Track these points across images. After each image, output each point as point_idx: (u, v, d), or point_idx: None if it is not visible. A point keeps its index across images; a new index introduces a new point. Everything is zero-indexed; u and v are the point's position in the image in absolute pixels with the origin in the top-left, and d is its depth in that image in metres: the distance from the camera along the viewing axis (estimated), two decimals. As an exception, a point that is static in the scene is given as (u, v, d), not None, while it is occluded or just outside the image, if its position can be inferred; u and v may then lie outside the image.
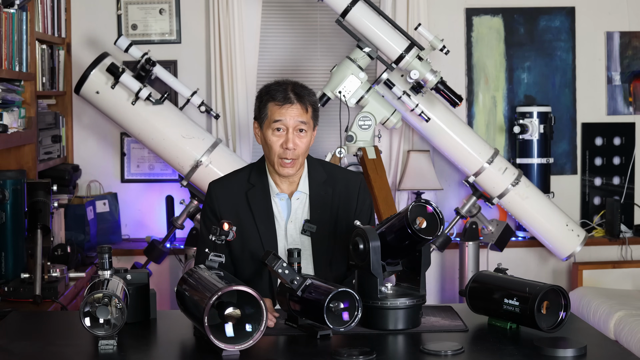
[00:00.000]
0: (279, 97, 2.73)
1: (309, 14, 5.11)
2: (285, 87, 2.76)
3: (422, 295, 2.49)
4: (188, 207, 4.60)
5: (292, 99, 2.73)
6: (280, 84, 2.78)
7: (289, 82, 2.79)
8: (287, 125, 2.73)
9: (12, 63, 3.65)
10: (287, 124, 2.73)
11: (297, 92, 2.75)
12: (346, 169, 3.08)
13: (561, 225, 4.69)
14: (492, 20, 5.18)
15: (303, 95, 2.75)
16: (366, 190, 2.89)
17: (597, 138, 5.26)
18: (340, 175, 2.88)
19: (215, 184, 2.86)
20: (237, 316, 2.24)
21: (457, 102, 4.26)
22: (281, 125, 2.73)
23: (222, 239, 2.50)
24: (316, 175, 2.83)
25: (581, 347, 2.21)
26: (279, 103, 2.73)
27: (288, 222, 2.79)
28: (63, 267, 3.70)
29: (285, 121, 2.72)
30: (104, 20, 5.00)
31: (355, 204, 2.83)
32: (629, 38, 5.23)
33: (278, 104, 2.73)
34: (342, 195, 2.82)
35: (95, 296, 2.26)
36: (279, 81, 2.81)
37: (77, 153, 5.02)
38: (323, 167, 2.88)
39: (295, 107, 2.73)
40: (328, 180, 2.83)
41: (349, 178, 2.88)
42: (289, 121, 2.72)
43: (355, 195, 2.84)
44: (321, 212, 2.79)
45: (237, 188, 2.81)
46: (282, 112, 2.72)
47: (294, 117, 2.73)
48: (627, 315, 4.39)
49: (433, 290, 5.12)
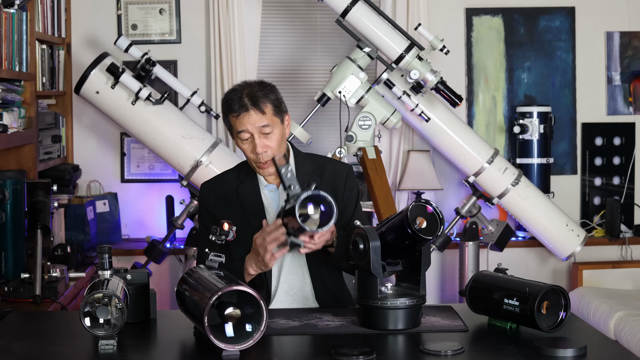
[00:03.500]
0: (234, 107, 2.73)
1: (309, 14, 5.11)
2: (240, 94, 2.74)
3: (422, 295, 2.49)
4: (188, 207, 4.60)
5: (247, 106, 2.72)
6: (236, 92, 2.76)
7: (245, 86, 2.77)
8: (250, 132, 2.74)
9: (12, 63, 3.65)
10: (250, 131, 2.74)
11: (252, 96, 2.73)
12: (334, 159, 3.10)
13: (561, 225, 4.69)
14: (492, 20, 5.18)
15: (257, 98, 2.73)
16: (353, 179, 2.92)
17: (597, 138, 5.26)
18: (328, 164, 2.92)
19: (207, 184, 2.93)
20: (237, 316, 2.24)
21: (457, 102, 4.26)
22: (246, 135, 2.75)
23: (222, 239, 2.51)
24: (303, 166, 2.86)
25: (581, 347, 2.21)
26: (235, 114, 2.73)
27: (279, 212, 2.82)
28: (63, 267, 3.70)
29: (247, 129, 2.73)
30: (104, 20, 5.00)
31: (342, 191, 2.87)
32: (629, 38, 5.23)
33: (235, 115, 2.74)
34: (329, 183, 2.85)
35: (95, 296, 2.26)
36: (235, 88, 2.79)
37: (77, 153, 5.02)
38: (310, 159, 2.92)
39: (251, 113, 2.72)
40: (315, 171, 2.87)
41: (336, 167, 2.92)
42: (250, 129, 2.73)
43: (343, 183, 2.88)
44: None
45: (227, 185, 2.87)
46: (242, 122, 2.73)
47: (254, 124, 2.73)
48: (627, 315, 4.39)
49: (433, 290, 5.12)
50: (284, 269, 2.85)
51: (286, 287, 2.85)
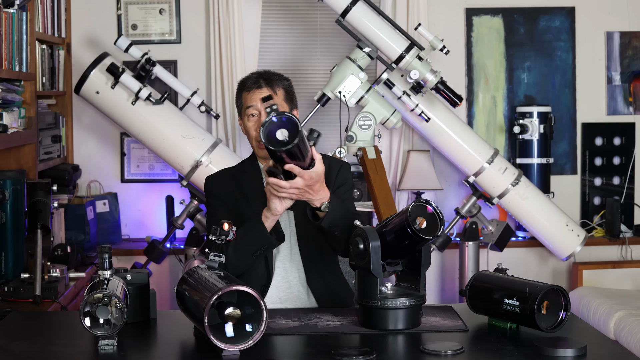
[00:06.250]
0: (249, 83, 2.91)
1: (309, 14, 5.11)
2: (257, 75, 2.94)
3: (422, 295, 2.49)
4: (188, 207, 4.60)
5: (261, 84, 2.89)
6: (254, 74, 2.96)
7: (262, 71, 2.97)
8: (258, 109, 2.87)
9: (12, 63, 3.65)
10: (258, 107, 2.87)
11: (266, 77, 2.92)
12: (332, 156, 3.16)
13: (561, 225, 4.69)
14: (492, 20, 5.18)
15: (272, 79, 2.92)
16: (347, 171, 2.98)
17: (597, 138, 5.26)
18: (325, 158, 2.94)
19: (211, 176, 3.03)
20: (237, 316, 2.24)
21: (457, 102, 4.26)
22: (254, 111, 2.88)
23: (222, 239, 2.51)
24: None
25: (581, 347, 2.21)
26: (248, 89, 2.90)
27: None
28: (63, 267, 3.71)
29: (256, 105, 2.87)
30: (104, 20, 5.00)
31: (334, 180, 2.92)
32: (629, 38, 5.23)
33: (247, 91, 2.90)
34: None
35: (95, 296, 2.26)
36: (253, 72, 2.99)
37: (77, 153, 5.02)
38: None
39: (263, 90, 2.87)
40: None
41: (332, 161, 2.99)
42: (258, 105, 2.87)
43: (335, 173, 2.94)
44: None
45: (231, 176, 2.98)
46: (252, 97, 2.88)
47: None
48: (627, 315, 4.39)
49: (433, 290, 5.12)
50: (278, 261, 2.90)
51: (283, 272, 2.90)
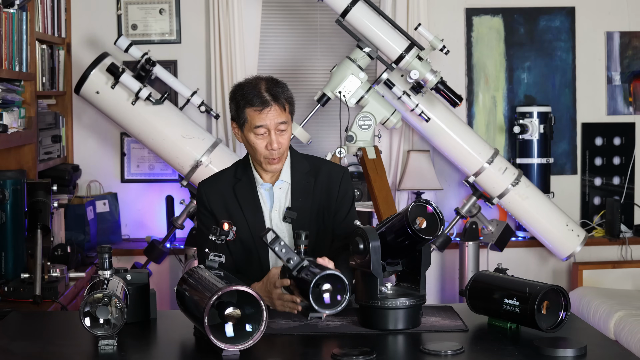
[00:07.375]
0: (256, 102, 2.73)
1: (309, 14, 5.11)
2: (259, 88, 2.74)
3: (422, 295, 2.49)
4: (188, 207, 4.60)
5: (269, 102, 2.73)
6: (254, 85, 2.76)
7: (261, 81, 2.78)
8: (268, 128, 2.74)
9: (12, 63, 3.65)
10: (269, 127, 2.74)
11: (272, 92, 2.74)
12: (330, 161, 3.10)
13: (561, 225, 4.69)
14: (492, 20, 5.18)
15: (278, 94, 2.75)
16: (349, 181, 2.91)
17: (597, 138, 5.26)
18: (324, 166, 2.92)
19: (204, 183, 2.92)
20: (237, 316, 2.24)
21: (457, 102, 4.26)
22: (263, 130, 2.75)
23: (222, 239, 2.51)
24: (299, 166, 2.88)
25: (581, 347, 2.21)
26: (258, 108, 2.73)
27: (272, 211, 2.85)
28: (63, 267, 3.70)
29: (266, 125, 2.74)
30: (104, 20, 5.00)
31: (336, 193, 2.87)
32: (629, 38, 5.23)
33: (257, 110, 2.73)
34: (324, 183, 2.87)
35: (95, 296, 2.26)
36: (250, 81, 2.79)
37: (77, 153, 5.02)
38: (307, 160, 2.93)
39: (273, 109, 2.73)
40: (311, 171, 2.88)
41: (332, 168, 2.92)
42: (269, 124, 2.74)
43: (337, 184, 2.87)
44: (302, 200, 2.84)
45: (224, 183, 2.87)
46: (262, 117, 2.73)
47: (274, 120, 2.74)
48: (627, 315, 4.39)
49: (433, 290, 5.12)
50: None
51: None
